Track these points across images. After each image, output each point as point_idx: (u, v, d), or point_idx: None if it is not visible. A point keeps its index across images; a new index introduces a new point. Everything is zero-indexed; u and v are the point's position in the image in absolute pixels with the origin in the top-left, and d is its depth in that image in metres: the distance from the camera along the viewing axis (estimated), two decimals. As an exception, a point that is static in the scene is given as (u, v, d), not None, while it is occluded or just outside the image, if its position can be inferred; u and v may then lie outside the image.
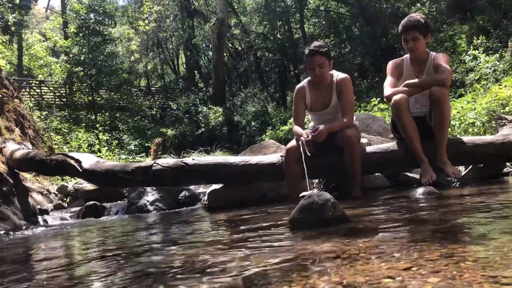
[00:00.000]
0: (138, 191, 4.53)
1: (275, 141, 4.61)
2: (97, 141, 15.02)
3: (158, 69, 29.50)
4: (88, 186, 6.50)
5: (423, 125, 3.06)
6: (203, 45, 25.45)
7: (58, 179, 8.29)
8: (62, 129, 17.08)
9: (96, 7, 19.12)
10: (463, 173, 3.37)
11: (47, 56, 27.13)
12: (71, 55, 18.61)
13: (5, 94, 7.82)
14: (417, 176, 3.22)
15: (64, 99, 20.35)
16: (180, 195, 4.44)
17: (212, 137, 17.01)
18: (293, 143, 3.11)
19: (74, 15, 19.53)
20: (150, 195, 4.35)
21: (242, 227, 2.29)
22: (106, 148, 13.47)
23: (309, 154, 2.84)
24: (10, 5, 15.68)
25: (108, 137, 16.15)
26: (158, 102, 23.67)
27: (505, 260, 0.96)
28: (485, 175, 3.32)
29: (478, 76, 9.19)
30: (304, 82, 3.33)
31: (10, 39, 16.57)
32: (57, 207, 6.15)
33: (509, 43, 10.41)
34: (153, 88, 27.77)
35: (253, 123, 17.50)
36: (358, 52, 18.87)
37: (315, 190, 3.73)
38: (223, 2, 20.20)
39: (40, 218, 4.16)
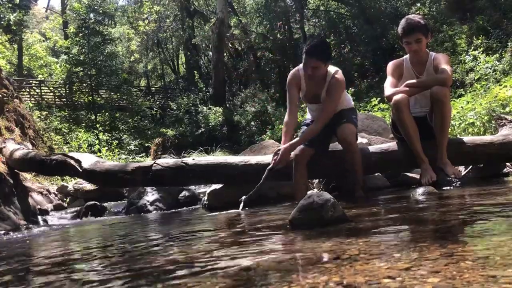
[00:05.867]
0: (138, 191, 4.53)
1: (275, 141, 4.61)
2: (97, 141, 15.02)
3: (158, 69, 29.49)
4: (88, 186, 6.50)
5: (423, 126, 3.06)
6: (203, 45, 25.41)
7: (58, 179, 8.29)
8: (62, 129, 17.09)
9: (96, 7, 19.11)
10: (463, 173, 3.37)
11: (47, 56, 27.15)
12: (71, 55, 18.58)
13: (5, 94, 7.82)
14: (417, 176, 3.21)
15: (64, 99, 20.35)
16: (180, 195, 4.44)
17: (212, 137, 17.00)
18: (300, 148, 3.04)
19: (74, 15, 19.52)
20: (150, 195, 4.35)
21: (242, 227, 2.29)
22: (106, 148, 13.47)
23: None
24: (10, 5, 15.66)
25: (108, 137, 16.15)
26: (158, 102, 23.66)
27: (505, 260, 0.96)
28: (485, 175, 3.32)
29: (478, 76, 9.18)
30: (299, 68, 3.13)
31: (12, 38, 16.54)
32: (57, 207, 6.16)
33: (509, 43, 10.41)
34: (153, 88, 27.76)
35: (253, 123, 17.48)
36: (358, 52, 18.86)
37: (315, 190, 3.74)
38: (223, 2, 20.20)
39: (40, 218, 4.16)
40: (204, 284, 1.05)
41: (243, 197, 3.05)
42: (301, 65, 3.09)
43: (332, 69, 3.05)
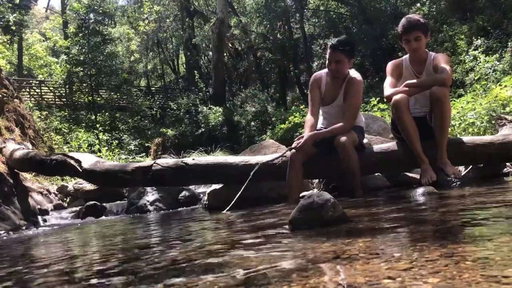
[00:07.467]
0: (138, 191, 4.53)
1: (275, 141, 4.61)
2: (97, 141, 15.03)
3: (158, 69, 29.48)
4: (88, 186, 6.51)
5: (423, 126, 3.06)
6: (203, 45, 25.41)
7: (58, 179, 8.30)
8: (62, 129, 17.09)
9: (96, 7, 19.11)
10: (463, 173, 3.37)
11: (47, 56, 27.15)
12: (71, 55, 18.58)
13: (5, 94, 7.82)
14: (417, 176, 3.21)
15: (64, 99, 20.35)
16: (180, 195, 4.45)
17: (212, 137, 17.00)
18: (297, 147, 3.07)
19: (74, 15, 19.52)
20: (150, 195, 4.35)
21: (242, 227, 2.29)
22: (106, 148, 13.48)
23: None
24: (10, 5, 15.66)
25: (108, 137, 16.15)
26: (158, 102, 23.65)
27: (505, 260, 0.96)
28: (485, 175, 3.32)
29: (478, 76, 9.19)
30: (323, 71, 3.30)
31: (11, 39, 16.54)
32: (57, 207, 6.17)
33: (509, 43, 10.40)
34: (153, 88, 27.76)
35: (253, 123, 17.48)
36: (357, 52, 18.84)
37: (316, 190, 3.74)
38: (223, 2, 20.20)
39: (40, 218, 4.16)
40: (204, 284, 1.05)
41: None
42: (325, 69, 3.27)
43: (351, 71, 3.21)
